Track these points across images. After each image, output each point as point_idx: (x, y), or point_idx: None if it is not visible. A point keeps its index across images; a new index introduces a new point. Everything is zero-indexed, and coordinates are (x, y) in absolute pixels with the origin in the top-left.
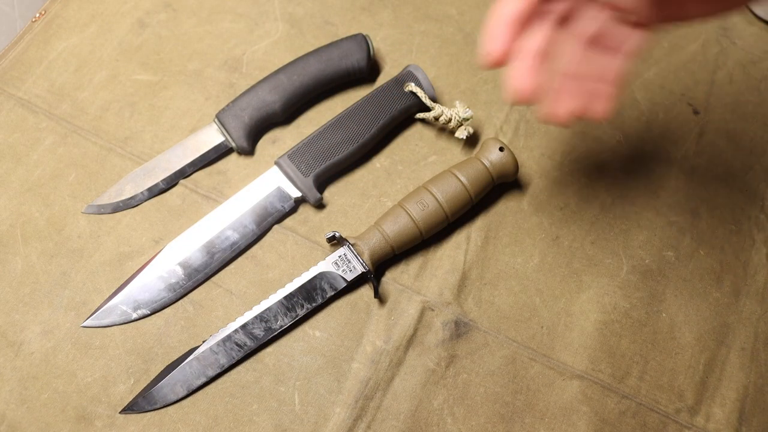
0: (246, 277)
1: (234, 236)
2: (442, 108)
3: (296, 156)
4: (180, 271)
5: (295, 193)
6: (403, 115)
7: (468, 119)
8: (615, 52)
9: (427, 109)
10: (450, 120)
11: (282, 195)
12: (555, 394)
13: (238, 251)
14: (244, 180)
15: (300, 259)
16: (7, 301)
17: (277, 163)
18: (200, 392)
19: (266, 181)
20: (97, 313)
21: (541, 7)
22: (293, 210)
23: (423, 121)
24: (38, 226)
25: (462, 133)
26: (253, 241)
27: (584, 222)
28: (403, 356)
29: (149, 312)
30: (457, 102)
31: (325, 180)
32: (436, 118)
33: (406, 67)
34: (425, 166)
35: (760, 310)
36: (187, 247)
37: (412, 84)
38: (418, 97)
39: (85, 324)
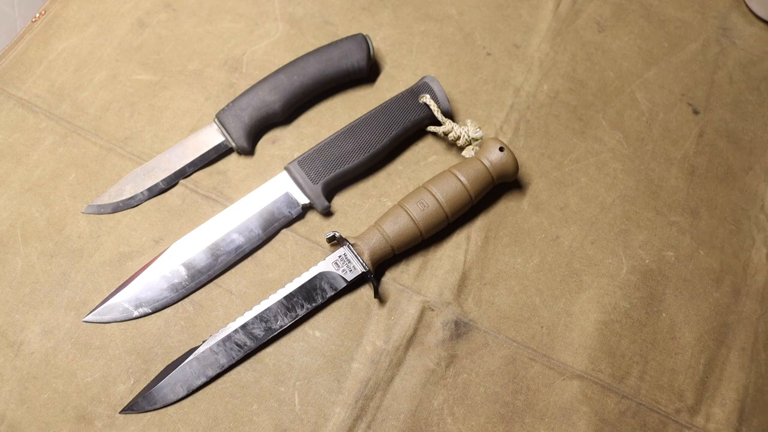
0: (246, 277)
1: (239, 240)
2: (453, 125)
3: (306, 162)
4: (183, 272)
5: (303, 200)
6: (416, 126)
7: (477, 139)
8: None
9: (439, 123)
10: (459, 138)
11: (290, 201)
12: (555, 394)
13: (242, 255)
14: (244, 180)
15: (300, 259)
16: (7, 301)
17: (286, 169)
18: (200, 392)
19: (275, 186)
20: (98, 309)
21: None
22: (300, 216)
23: (433, 134)
24: (38, 226)
25: (469, 153)
26: (258, 245)
27: (584, 222)
28: (403, 356)
29: (150, 311)
30: (469, 121)
31: (333, 188)
32: (446, 134)
33: (423, 77)
34: (425, 166)
35: (760, 310)
36: (192, 248)
37: (427, 96)
38: (431, 109)
39: (86, 319)
